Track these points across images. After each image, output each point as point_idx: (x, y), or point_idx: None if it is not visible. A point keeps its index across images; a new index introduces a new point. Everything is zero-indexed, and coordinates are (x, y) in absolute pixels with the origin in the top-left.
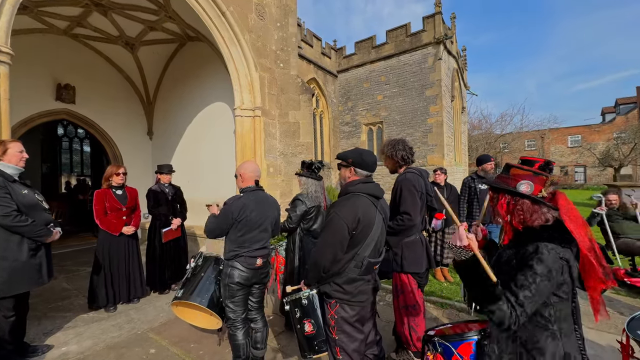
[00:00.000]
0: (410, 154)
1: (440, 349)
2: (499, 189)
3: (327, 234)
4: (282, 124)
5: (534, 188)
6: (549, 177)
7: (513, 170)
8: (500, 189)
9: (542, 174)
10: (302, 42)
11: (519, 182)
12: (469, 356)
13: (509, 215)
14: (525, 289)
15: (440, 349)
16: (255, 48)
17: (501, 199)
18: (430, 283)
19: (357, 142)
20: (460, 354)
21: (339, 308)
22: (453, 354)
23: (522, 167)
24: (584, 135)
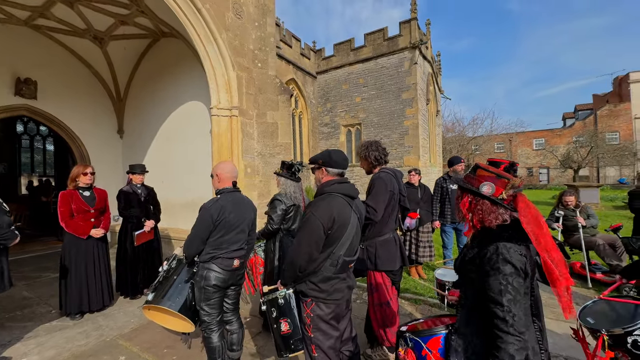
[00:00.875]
0: (383, 155)
1: (411, 343)
2: (464, 188)
3: (303, 234)
4: (260, 124)
5: (496, 190)
6: (510, 180)
7: (479, 171)
8: (465, 188)
9: (504, 176)
10: (281, 43)
11: (482, 183)
12: (437, 350)
13: (470, 213)
14: (506, 293)
15: (411, 343)
16: (233, 47)
17: (464, 197)
18: (405, 280)
19: (336, 143)
20: (429, 348)
21: (315, 306)
22: (422, 348)
23: (487, 169)
24: (547, 138)
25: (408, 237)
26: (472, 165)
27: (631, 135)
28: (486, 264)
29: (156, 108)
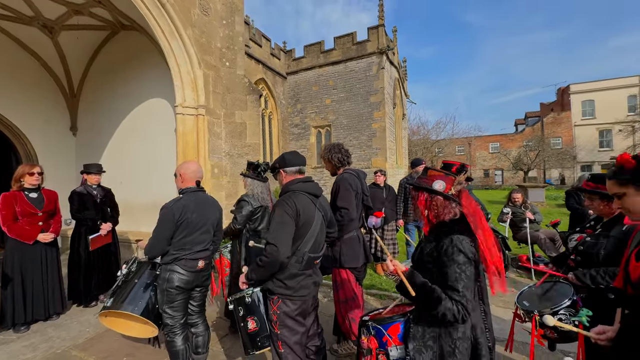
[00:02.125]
0: (346, 157)
1: (373, 331)
2: (419, 187)
3: (281, 229)
4: (228, 124)
5: (446, 186)
6: (456, 178)
7: (430, 171)
8: (420, 187)
9: (451, 175)
10: (251, 42)
11: (435, 180)
12: (396, 335)
13: (427, 210)
14: (460, 280)
15: (373, 331)
16: (199, 44)
17: (420, 196)
18: (371, 277)
19: (306, 143)
20: (390, 334)
21: (281, 303)
22: (384, 334)
23: (436, 169)
24: (502, 142)
25: (373, 235)
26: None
27: (571, 141)
28: (443, 256)
29: (115, 104)
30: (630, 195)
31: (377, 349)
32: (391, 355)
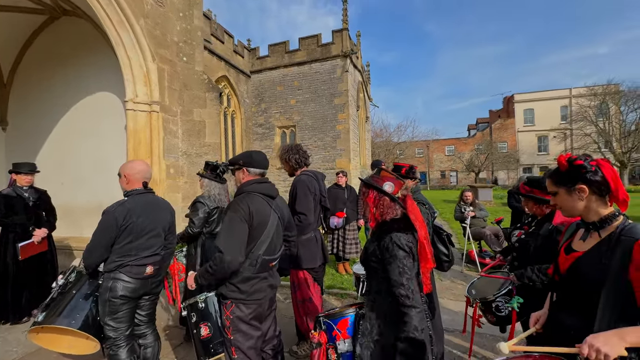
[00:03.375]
0: (304, 158)
1: (324, 326)
2: (370, 185)
3: (231, 235)
4: (186, 122)
5: (394, 189)
6: (404, 183)
7: (383, 172)
8: (371, 185)
9: (401, 179)
10: (213, 37)
11: (385, 182)
12: (345, 329)
13: (374, 207)
14: (404, 273)
15: (324, 326)
16: (153, 36)
17: (370, 194)
18: (333, 276)
19: (270, 144)
20: (339, 329)
21: (235, 308)
22: (333, 329)
23: (388, 171)
24: (456, 146)
25: (335, 235)
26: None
27: (515, 145)
28: (385, 253)
29: (55, 97)
30: (561, 194)
31: (327, 344)
32: (339, 349)
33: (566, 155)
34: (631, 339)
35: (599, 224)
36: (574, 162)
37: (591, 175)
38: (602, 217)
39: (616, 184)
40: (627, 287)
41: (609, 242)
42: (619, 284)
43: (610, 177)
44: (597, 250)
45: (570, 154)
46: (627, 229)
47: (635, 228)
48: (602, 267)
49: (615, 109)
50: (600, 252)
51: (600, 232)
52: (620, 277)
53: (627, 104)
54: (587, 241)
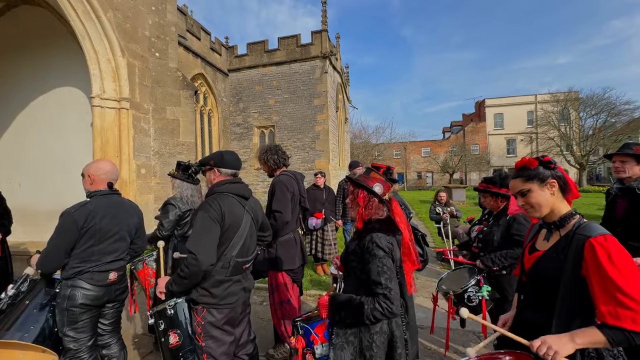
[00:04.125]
0: (282, 158)
1: (302, 331)
2: (361, 185)
3: (203, 236)
4: (158, 120)
5: (383, 191)
6: (392, 186)
7: (373, 173)
8: (362, 185)
9: (389, 182)
10: (188, 34)
11: (375, 183)
12: (323, 333)
13: (364, 208)
14: (383, 273)
15: (302, 331)
16: (123, 30)
17: (360, 193)
18: (311, 277)
19: (249, 144)
20: (317, 333)
21: (206, 313)
22: (311, 333)
23: (379, 173)
24: (432, 148)
25: (314, 236)
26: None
27: (486, 148)
28: (365, 253)
29: (10, 92)
30: (534, 191)
31: (305, 349)
32: (317, 354)
33: (530, 157)
34: (580, 340)
35: (559, 222)
36: (543, 159)
37: (557, 172)
38: (561, 216)
39: (572, 182)
40: (582, 283)
41: (566, 240)
42: (574, 280)
43: (567, 176)
44: (556, 248)
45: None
46: (582, 227)
47: (588, 226)
48: (559, 264)
49: (575, 114)
50: (558, 250)
51: (560, 231)
52: (575, 274)
53: (585, 110)
54: (550, 240)
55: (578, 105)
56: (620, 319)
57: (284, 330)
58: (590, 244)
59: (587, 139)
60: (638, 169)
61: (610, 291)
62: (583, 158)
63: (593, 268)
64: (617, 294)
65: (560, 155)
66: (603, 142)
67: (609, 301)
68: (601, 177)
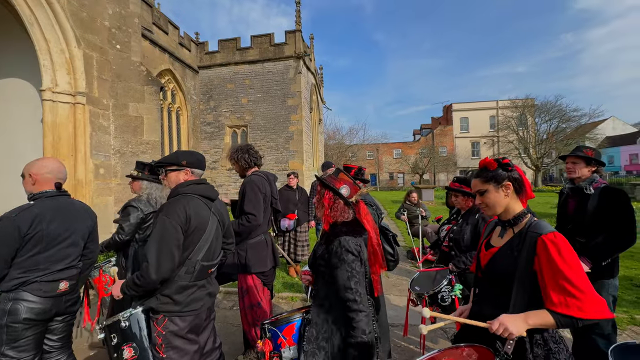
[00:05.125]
0: (254, 158)
1: (269, 334)
2: (328, 186)
3: (162, 244)
4: (119, 117)
5: (350, 193)
6: (360, 188)
7: (341, 174)
8: (328, 187)
9: (358, 185)
10: (155, 27)
11: (342, 185)
12: (291, 336)
13: (329, 209)
14: (352, 277)
15: (269, 334)
16: (79, 19)
17: (327, 194)
18: (283, 280)
19: (220, 143)
20: (284, 336)
21: (168, 322)
22: (279, 336)
23: (348, 175)
24: (403, 149)
25: (287, 238)
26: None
27: (453, 150)
28: (334, 257)
29: None
30: (491, 192)
31: (272, 352)
32: (284, 357)
33: (490, 159)
34: (533, 321)
35: (513, 221)
36: (502, 161)
37: (514, 174)
38: (516, 214)
39: (528, 184)
40: (533, 276)
41: (519, 237)
42: (526, 275)
43: (524, 176)
44: (510, 244)
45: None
46: (534, 224)
47: (539, 224)
48: (513, 259)
49: (531, 120)
50: (512, 246)
51: (514, 229)
52: (527, 268)
53: (540, 116)
54: (504, 238)
55: (534, 112)
56: (569, 307)
57: (255, 335)
58: (542, 240)
59: (542, 142)
60: (586, 170)
61: (561, 283)
62: (538, 160)
63: (545, 262)
64: (566, 285)
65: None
66: (555, 146)
67: (560, 292)
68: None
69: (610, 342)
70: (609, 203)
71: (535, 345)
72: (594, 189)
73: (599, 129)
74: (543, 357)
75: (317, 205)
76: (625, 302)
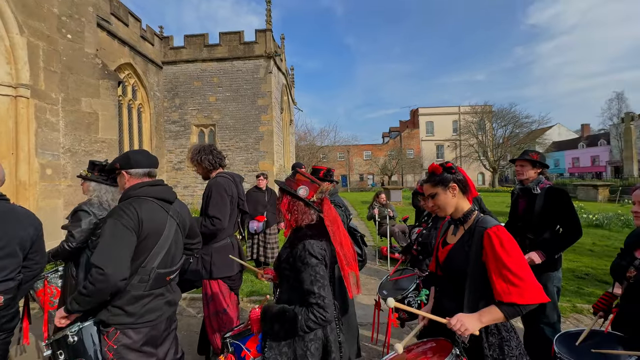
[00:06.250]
0: (218, 158)
1: (232, 348)
2: (284, 190)
3: (113, 247)
4: (70, 113)
5: (309, 193)
6: (320, 186)
7: (298, 175)
8: (284, 190)
9: (317, 183)
10: (113, 18)
11: (300, 186)
12: (255, 348)
13: (288, 213)
14: (316, 282)
15: (231, 348)
16: (21, 3)
17: (284, 198)
18: (252, 283)
19: (186, 143)
20: (248, 348)
21: (120, 335)
22: (242, 349)
23: (304, 175)
24: (373, 151)
25: (256, 240)
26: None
27: (420, 152)
28: (298, 261)
29: None
30: (440, 194)
31: None
32: None
33: (436, 164)
34: (485, 319)
35: (463, 218)
36: (446, 165)
37: (457, 175)
38: (464, 212)
39: (471, 183)
40: (483, 268)
41: (469, 233)
42: (477, 267)
43: (467, 177)
44: (462, 241)
45: (435, 164)
46: (481, 220)
47: (485, 219)
48: (466, 254)
49: (489, 125)
50: (464, 242)
51: (464, 226)
52: (478, 261)
53: (496, 121)
54: (457, 235)
55: (492, 117)
56: (511, 294)
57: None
58: (487, 233)
59: (499, 146)
60: (533, 172)
61: (503, 272)
62: (495, 163)
63: (490, 253)
64: (508, 274)
65: (478, 160)
66: (510, 150)
67: (502, 281)
68: (509, 179)
69: (555, 330)
70: (553, 202)
71: (490, 335)
72: (541, 190)
73: (547, 135)
74: (497, 345)
75: (277, 211)
76: (568, 292)
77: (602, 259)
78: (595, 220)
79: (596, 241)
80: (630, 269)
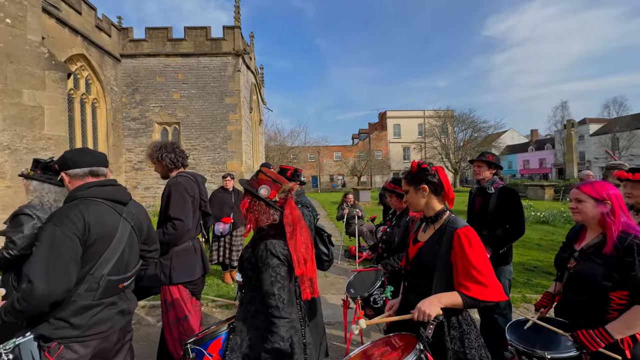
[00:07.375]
0: (180, 157)
1: (193, 354)
2: (246, 189)
3: (50, 257)
4: (9, 106)
5: (271, 193)
6: (282, 186)
7: (260, 175)
8: (246, 189)
9: (279, 182)
10: (64, 4)
11: (261, 186)
12: (217, 352)
13: (250, 213)
14: (276, 282)
15: (193, 354)
16: None
17: (245, 198)
18: (218, 287)
19: (147, 141)
20: (210, 353)
21: (64, 350)
22: (204, 355)
23: (267, 174)
24: (343, 152)
25: (222, 242)
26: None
27: (388, 154)
28: (259, 261)
29: None
30: (411, 192)
31: None
32: None
33: (419, 161)
34: (445, 300)
35: (434, 217)
36: (421, 166)
37: (431, 177)
38: (436, 212)
39: (448, 185)
40: (451, 267)
41: (440, 232)
42: (446, 265)
43: (444, 180)
44: (432, 239)
45: (422, 160)
46: (451, 220)
47: (455, 220)
48: (435, 252)
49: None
50: (434, 240)
51: (435, 225)
52: (446, 259)
53: (458, 125)
54: (427, 232)
55: (453, 122)
56: (474, 291)
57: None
58: (457, 233)
59: (460, 149)
60: (489, 173)
61: (470, 270)
62: (457, 164)
63: (459, 253)
64: (474, 272)
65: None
66: (470, 152)
67: (469, 278)
68: (469, 180)
69: (507, 319)
70: (505, 201)
71: (451, 328)
72: (494, 189)
73: (501, 139)
74: (458, 338)
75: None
76: (518, 283)
77: (548, 252)
78: (542, 217)
79: (543, 236)
80: (571, 260)
